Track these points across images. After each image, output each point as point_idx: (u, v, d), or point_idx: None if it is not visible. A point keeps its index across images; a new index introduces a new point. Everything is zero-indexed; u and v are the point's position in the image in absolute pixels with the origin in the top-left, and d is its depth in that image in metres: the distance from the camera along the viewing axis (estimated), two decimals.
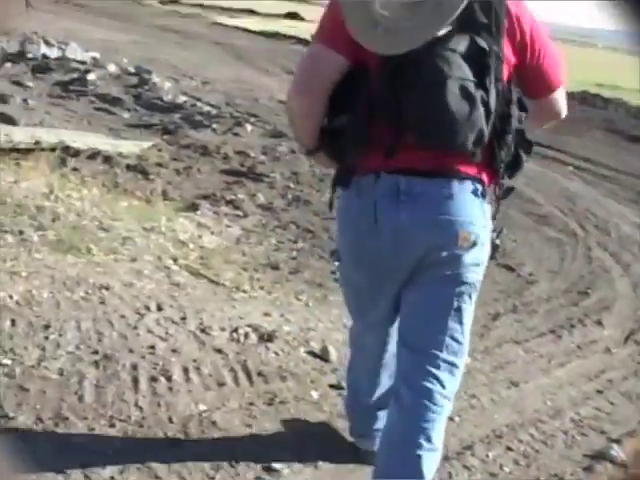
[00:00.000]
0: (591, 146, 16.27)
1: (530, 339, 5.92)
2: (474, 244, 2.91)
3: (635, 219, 10.54)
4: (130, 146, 9.75)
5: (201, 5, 57.85)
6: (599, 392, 5.19)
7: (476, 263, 3.00)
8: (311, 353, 4.81)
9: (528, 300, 6.81)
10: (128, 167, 8.76)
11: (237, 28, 39.05)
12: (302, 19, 60.62)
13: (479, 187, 2.93)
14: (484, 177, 2.96)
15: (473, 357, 5.29)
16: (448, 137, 2.71)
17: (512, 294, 6.89)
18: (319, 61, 2.84)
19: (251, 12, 59.46)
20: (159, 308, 4.94)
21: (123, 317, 4.70)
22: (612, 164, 14.56)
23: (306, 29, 48.01)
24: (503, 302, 6.65)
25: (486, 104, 2.71)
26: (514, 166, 3.06)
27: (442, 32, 2.64)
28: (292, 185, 9.29)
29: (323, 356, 4.77)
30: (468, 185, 2.87)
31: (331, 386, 4.47)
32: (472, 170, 2.89)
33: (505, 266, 7.64)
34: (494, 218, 3.12)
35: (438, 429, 2.99)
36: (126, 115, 12.23)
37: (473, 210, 2.89)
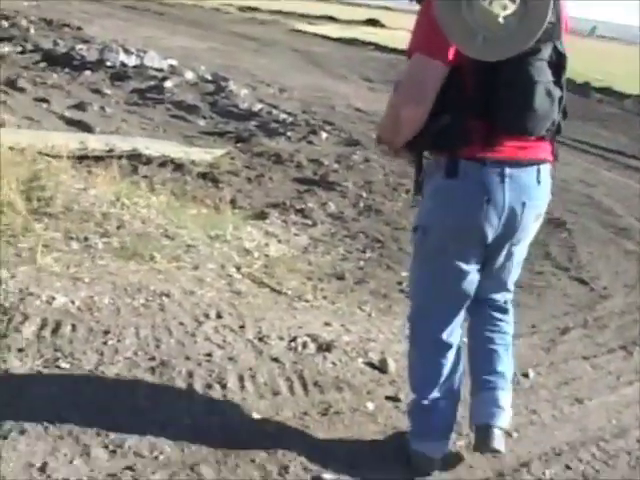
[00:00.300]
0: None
1: (599, 355, 5.74)
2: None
3: None
4: (203, 154, 9.83)
5: (280, 12, 58.18)
6: None
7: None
8: (369, 364, 4.74)
9: (600, 315, 6.62)
10: (199, 175, 8.85)
11: (316, 35, 39.15)
12: (382, 26, 60.56)
13: (552, 169, 3.61)
14: (552, 156, 3.57)
15: (537, 372, 5.18)
16: (532, 129, 3.29)
17: (583, 308, 6.71)
18: (428, 73, 3.18)
19: (330, 18, 59.57)
20: (218, 316, 4.92)
21: (182, 324, 4.70)
22: None
23: (386, 36, 48.01)
24: (573, 316, 6.47)
25: (561, 99, 3.34)
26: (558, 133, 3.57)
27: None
28: (364, 194, 9.25)
29: (381, 367, 4.70)
30: (548, 169, 3.54)
31: (387, 398, 4.39)
32: (548, 154, 3.52)
33: (578, 279, 7.49)
34: None
35: None
36: (201, 123, 12.36)
37: (548, 192, 3.62)
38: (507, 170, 3.32)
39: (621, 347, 5.95)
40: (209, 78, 16.48)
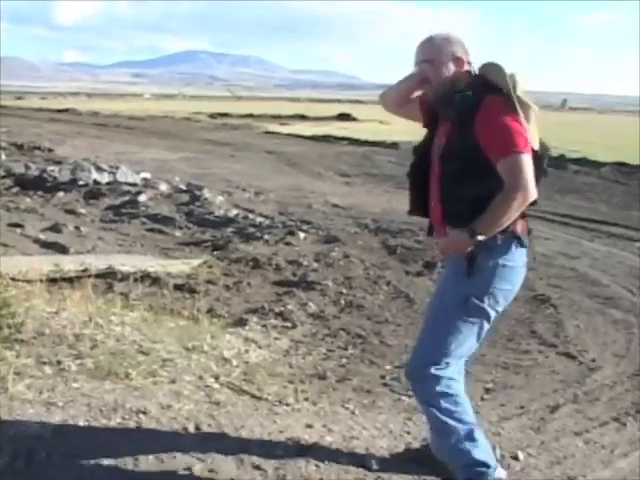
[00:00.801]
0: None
1: (591, 429, 5.65)
2: None
3: None
4: (180, 265, 9.81)
5: (251, 115, 59.10)
6: None
7: None
8: (353, 463, 4.63)
9: (590, 388, 6.53)
10: (175, 287, 8.80)
11: (288, 135, 39.69)
12: (354, 119, 61.50)
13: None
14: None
15: (527, 453, 5.07)
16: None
17: (573, 383, 6.63)
18: (530, 165, 3.90)
19: (302, 117, 60.48)
20: (197, 428, 4.83)
21: (159, 440, 4.60)
22: None
23: (358, 129, 48.65)
24: (563, 392, 6.39)
25: None
26: None
27: None
28: (345, 290, 9.21)
29: (365, 465, 4.60)
30: None
31: None
32: None
33: (565, 354, 7.43)
34: None
35: None
36: (178, 233, 12.37)
37: None
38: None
39: (614, 419, 5.87)
40: (183, 188, 16.61)
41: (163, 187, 16.40)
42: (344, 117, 62.62)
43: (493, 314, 4.16)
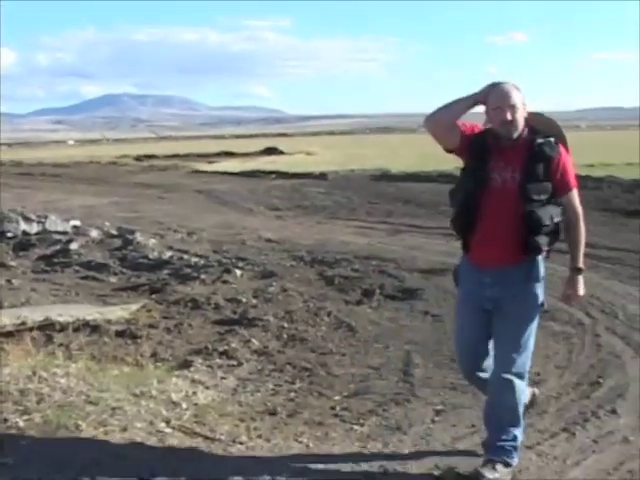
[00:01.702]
0: (588, 229, 16.32)
1: (542, 441, 5.75)
2: None
3: None
4: (118, 311, 9.71)
5: (177, 155, 59.01)
6: None
7: None
8: None
9: (537, 401, 6.63)
10: (116, 333, 8.66)
11: (216, 173, 39.69)
12: (281, 152, 61.82)
13: None
14: None
15: (483, 470, 5.12)
16: None
17: None
18: None
19: (228, 154, 60.57)
20: (152, 475, 4.79)
21: None
22: (611, 244, 14.59)
23: (285, 162, 48.87)
24: None
25: None
26: None
27: None
28: (286, 324, 9.18)
29: None
30: None
31: None
32: None
33: None
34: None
35: None
36: (113, 279, 12.22)
37: None
38: None
39: (563, 429, 5.98)
40: (115, 233, 16.45)
41: (94, 233, 16.20)
42: (271, 151, 62.93)
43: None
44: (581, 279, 5.07)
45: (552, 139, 4.87)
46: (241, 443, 5.58)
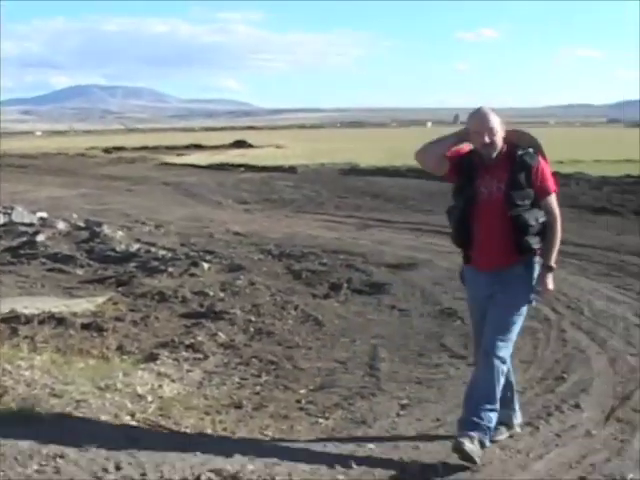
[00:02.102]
0: None
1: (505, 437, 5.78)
2: None
3: (607, 292, 10.57)
4: (85, 303, 9.67)
5: (146, 148, 58.70)
6: (582, 479, 5.05)
7: None
8: None
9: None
10: (82, 326, 8.63)
11: (185, 165, 39.54)
12: (250, 146, 61.70)
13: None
14: None
15: (447, 464, 5.16)
16: None
17: None
18: None
19: (197, 147, 60.39)
20: (117, 467, 4.77)
21: None
22: (579, 240, 14.69)
23: (254, 155, 48.79)
24: None
25: None
26: None
27: None
28: (253, 318, 9.19)
29: None
30: None
31: None
32: None
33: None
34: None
35: None
36: (80, 272, 12.15)
37: None
38: None
39: (527, 424, 6.01)
40: (82, 225, 16.36)
41: (61, 225, 16.10)
42: (240, 144, 62.78)
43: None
44: (551, 276, 5.43)
45: (531, 150, 5.46)
46: (206, 436, 5.58)
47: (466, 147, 5.62)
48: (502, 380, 5.48)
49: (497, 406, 5.41)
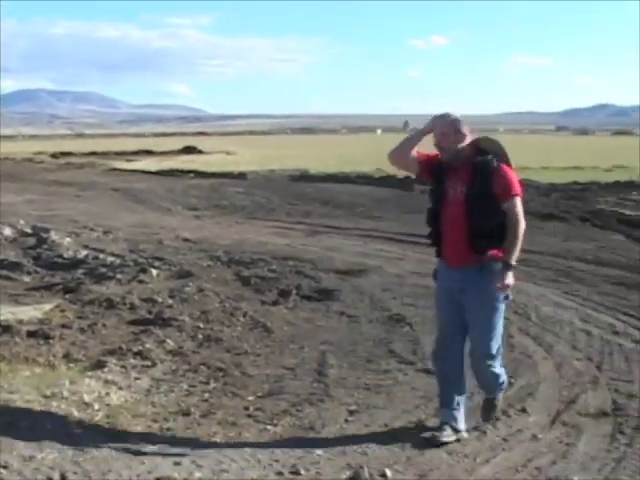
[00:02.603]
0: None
1: (454, 441, 5.82)
2: None
3: (555, 298, 10.69)
4: (31, 311, 9.56)
5: (94, 153, 58.26)
6: None
7: None
8: None
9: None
10: (28, 334, 8.51)
11: (134, 171, 39.31)
12: (200, 152, 61.55)
13: None
14: None
15: (395, 470, 5.19)
16: None
17: (433, 398, 6.76)
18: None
19: (147, 152, 60.10)
20: (62, 477, 4.72)
21: None
22: (527, 246, 14.61)
23: (204, 161, 48.64)
24: (424, 408, 6.55)
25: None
26: None
27: None
28: (202, 325, 9.15)
29: None
30: None
31: None
32: None
33: (424, 370, 7.59)
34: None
35: None
36: (26, 278, 11.99)
37: None
38: None
39: (474, 428, 6.08)
40: (29, 231, 16.16)
41: (7, 231, 15.89)
42: (190, 150, 62.61)
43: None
44: (510, 273, 5.67)
45: (490, 157, 5.75)
46: (153, 444, 5.55)
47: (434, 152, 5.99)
48: (501, 368, 6.18)
49: (504, 380, 6.26)
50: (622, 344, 8.49)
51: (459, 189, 5.76)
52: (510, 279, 5.69)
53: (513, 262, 5.67)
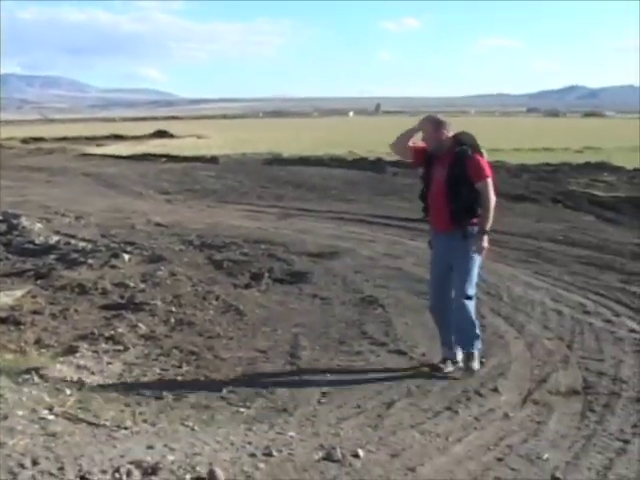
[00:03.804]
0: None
1: (426, 420, 5.88)
2: None
3: (526, 278, 10.77)
4: (2, 297, 9.50)
5: (65, 138, 57.83)
6: (499, 460, 5.17)
7: None
8: (198, 478, 4.62)
9: (422, 382, 6.77)
10: (0, 320, 8.48)
11: (105, 156, 39.08)
12: (171, 136, 61.30)
13: None
14: None
15: (367, 450, 5.21)
16: None
17: (405, 378, 6.84)
18: (492, 185, 6.99)
19: (118, 137, 59.76)
20: (34, 463, 4.68)
21: None
22: (499, 227, 14.81)
23: (176, 145, 48.45)
24: (397, 388, 6.60)
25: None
26: None
27: None
28: (174, 309, 9.15)
29: (211, 479, 4.59)
30: None
31: None
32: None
33: (396, 351, 7.66)
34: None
35: None
36: None
37: None
38: None
39: (447, 408, 6.15)
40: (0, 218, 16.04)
41: None
42: (161, 134, 62.34)
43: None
44: (485, 237, 6.97)
45: (465, 147, 7.05)
46: (126, 428, 5.54)
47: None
48: (473, 311, 7.26)
49: (478, 331, 7.29)
50: (593, 323, 8.58)
51: (441, 173, 7.11)
52: (485, 242, 6.99)
53: (487, 228, 6.98)
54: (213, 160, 33.91)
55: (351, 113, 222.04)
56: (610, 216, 16.93)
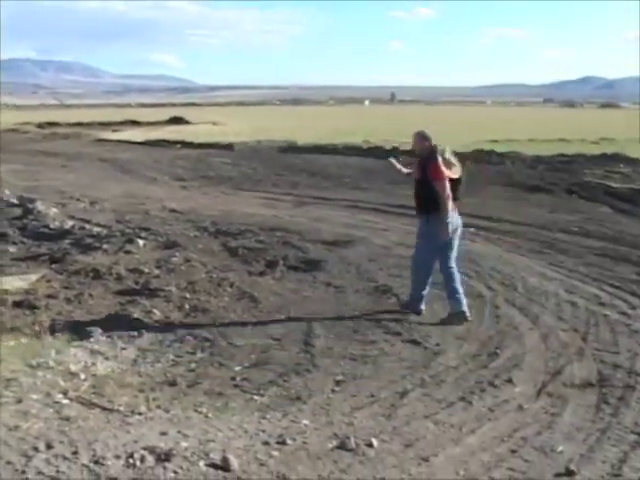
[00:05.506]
0: (491, 203, 16.64)
1: (440, 411, 5.86)
2: None
3: (540, 269, 10.73)
4: (17, 281, 9.52)
5: (80, 123, 57.83)
6: (513, 452, 5.15)
7: None
8: (212, 465, 4.63)
9: (436, 371, 6.75)
10: (14, 304, 8.49)
11: (120, 142, 39.08)
12: (187, 122, 61.28)
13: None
14: None
15: (381, 440, 5.20)
16: None
17: (419, 368, 6.82)
18: (447, 185, 8.46)
19: (134, 123, 59.73)
20: (48, 446, 4.71)
21: (9, 463, 4.47)
22: (514, 218, 14.92)
23: (191, 132, 48.44)
24: (411, 378, 6.57)
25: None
26: None
27: None
28: (189, 295, 9.14)
29: (224, 466, 4.60)
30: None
31: None
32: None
33: (410, 341, 7.62)
34: None
35: None
36: (12, 249, 11.92)
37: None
38: None
39: (460, 398, 6.12)
40: (15, 202, 16.06)
41: None
42: (177, 121, 62.32)
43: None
44: (445, 223, 8.48)
45: (433, 155, 8.56)
46: (140, 414, 5.55)
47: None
48: (456, 275, 8.71)
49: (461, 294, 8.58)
50: (607, 315, 8.55)
51: (417, 173, 8.78)
52: (445, 227, 8.46)
53: (445, 217, 8.44)
54: (228, 147, 33.90)
55: (367, 102, 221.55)
56: (626, 208, 16.86)
